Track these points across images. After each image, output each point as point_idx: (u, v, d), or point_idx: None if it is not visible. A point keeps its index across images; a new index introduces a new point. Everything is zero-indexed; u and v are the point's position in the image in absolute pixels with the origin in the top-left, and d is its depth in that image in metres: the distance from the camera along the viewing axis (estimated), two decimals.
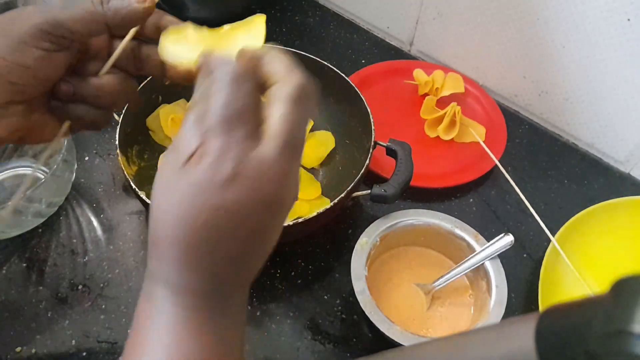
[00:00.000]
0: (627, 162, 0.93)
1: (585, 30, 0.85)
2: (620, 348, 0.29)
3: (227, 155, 0.38)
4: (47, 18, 0.46)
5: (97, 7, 0.47)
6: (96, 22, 0.47)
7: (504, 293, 0.70)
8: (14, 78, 0.46)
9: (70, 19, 0.46)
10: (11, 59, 0.45)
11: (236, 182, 0.38)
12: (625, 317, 0.29)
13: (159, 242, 0.40)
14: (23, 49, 0.45)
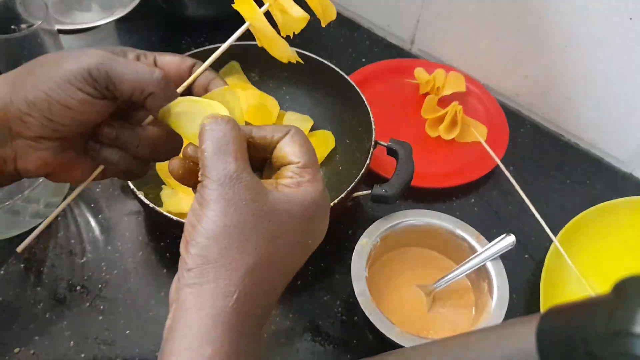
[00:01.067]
0: (629, 162, 0.93)
1: (588, 29, 0.85)
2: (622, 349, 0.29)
3: (318, 179, 0.45)
4: (99, 66, 0.45)
5: (156, 78, 0.46)
6: (141, 89, 0.46)
7: (506, 294, 0.69)
8: (53, 116, 0.46)
9: (120, 74, 0.46)
10: (53, 96, 0.45)
11: (323, 203, 0.45)
12: (627, 318, 0.29)
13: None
14: (67, 89, 0.45)
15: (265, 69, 0.92)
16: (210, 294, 0.39)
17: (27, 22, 0.87)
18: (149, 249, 0.79)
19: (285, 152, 0.45)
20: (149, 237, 0.80)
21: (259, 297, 0.41)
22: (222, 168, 0.41)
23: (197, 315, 0.39)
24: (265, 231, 0.41)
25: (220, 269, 0.40)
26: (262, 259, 0.41)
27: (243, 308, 0.40)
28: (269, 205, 0.41)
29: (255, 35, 0.53)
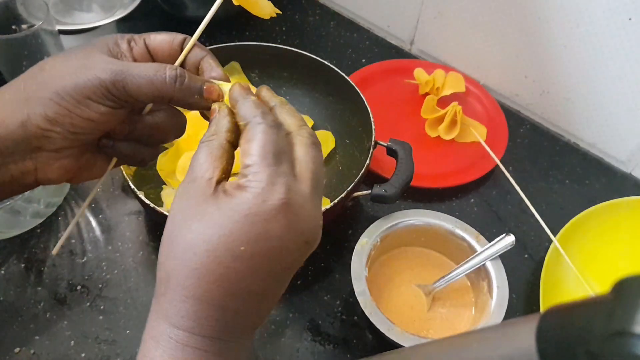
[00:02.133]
0: (628, 162, 0.93)
1: (587, 29, 0.85)
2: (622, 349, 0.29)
3: (277, 183, 0.39)
4: (116, 82, 0.45)
5: (170, 84, 0.46)
6: (161, 97, 0.47)
7: (505, 294, 0.70)
8: (76, 128, 0.46)
9: (138, 89, 0.46)
10: (76, 112, 0.45)
11: (283, 213, 0.39)
12: (626, 318, 0.29)
13: (180, 272, 0.39)
14: (88, 104, 0.45)
15: (265, 69, 0.92)
16: (166, 303, 0.41)
17: (27, 22, 0.87)
18: (149, 249, 0.79)
19: (241, 149, 0.43)
20: (150, 236, 0.80)
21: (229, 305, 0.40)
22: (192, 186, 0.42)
23: (158, 325, 0.41)
24: (218, 244, 0.39)
25: (174, 283, 0.41)
26: (222, 271, 0.39)
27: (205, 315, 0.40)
28: (206, 217, 0.40)
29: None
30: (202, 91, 0.47)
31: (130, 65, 0.46)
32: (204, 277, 0.39)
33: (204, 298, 0.39)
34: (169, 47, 0.50)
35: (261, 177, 0.39)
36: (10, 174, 0.47)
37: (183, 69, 0.47)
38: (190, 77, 0.47)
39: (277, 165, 0.40)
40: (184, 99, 0.47)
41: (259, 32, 1.10)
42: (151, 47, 0.50)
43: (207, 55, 0.51)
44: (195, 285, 0.39)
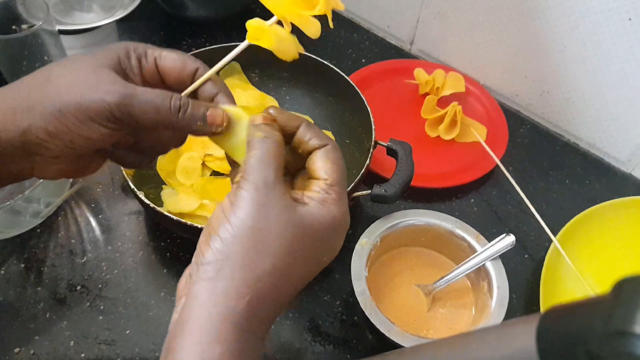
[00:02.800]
0: (628, 162, 0.93)
1: (587, 29, 0.85)
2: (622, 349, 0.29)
3: (345, 202, 0.46)
4: (121, 107, 0.45)
5: (174, 113, 0.47)
6: (160, 121, 0.47)
7: (505, 294, 0.70)
8: (74, 145, 0.47)
9: (143, 115, 0.46)
10: (76, 130, 0.46)
11: (344, 227, 0.47)
12: (626, 318, 0.29)
13: (272, 276, 0.41)
14: (90, 126, 0.46)
15: (265, 69, 0.92)
16: (223, 291, 0.40)
17: (28, 22, 0.87)
18: (149, 249, 0.79)
19: (317, 166, 0.46)
20: (150, 237, 0.80)
21: (269, 303, 0.42)
22: (262, 175, 0.42)
23: (208, 311, 0.40)
24: (288, 241, 0.42)
25: (237, 268, 0.40)
26: (279, 266, 0.41)
27: (253, 311, 0.40)
28: (296, 217, 0.42)
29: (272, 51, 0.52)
30: (206, 117, 0.48)
31: (137, 90, 0.46)
32: (292, 281, 0.43)
33: (284, 299, 0.43)
34: (178, 73, 0.50)
35: (343, 196, 0.46)
36: (8, 171, 0.48)
37: (187, 99, 0.48)
38: (194, 105, 0.48)
39: (343, 187, 0.47)
40: (188, 127, 0.48)
41: None
42: (161, 69, 0.50)
43: (220, 92, 0.51)
44: (283, 288, 0.42)
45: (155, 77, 0.50)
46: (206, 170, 0.85)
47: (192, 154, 0.83)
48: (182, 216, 0.72)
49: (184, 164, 0.82)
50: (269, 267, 0.41)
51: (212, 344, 0.39)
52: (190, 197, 0.79)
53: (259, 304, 0.41)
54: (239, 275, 0.40)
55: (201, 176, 0.83)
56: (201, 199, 0.79)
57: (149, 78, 0.50)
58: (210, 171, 0.85)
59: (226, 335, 0.39)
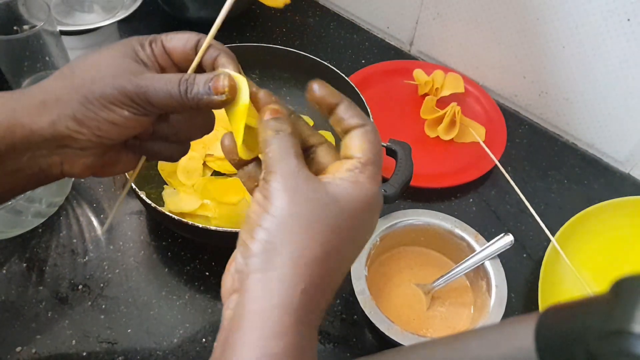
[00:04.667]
0: (627, 162, 0.93)
1: (585, 30, 0.85)
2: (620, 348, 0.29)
3: (377, 179, 0.45)
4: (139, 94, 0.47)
5: (182, 94, 0.47)
6: (175, 105, 0.48)
7: (504, 293, 0.70)
8: (102, 132, 0.48)
9: (159, 102, 0.47)
10: (102, 115, 0.47)
11: (380, 206, 0.45)
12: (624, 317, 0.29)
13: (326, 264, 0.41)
14: (115, 110, 0.47)
15: (265, 70, 0.92)
16: (277, 281, 0.39)
17: (29, 23, 0.87)
18: (150, 249, 0.79)
19: (353, 144, 0.46)
20: (151, 236, 0.80)
21: (323, 289, 0.41)
22: (285, 164, 0.42)
23: (266, 304, 0.39)
24: (329, 221, 0.41)
25: (287, 256, 0.39)
26: (327, 249, 0.40)
27: (309, 300, 0.39)
28: (329, 196, 0.41)
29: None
30: (210, 89, 0.47)
31: (154, 79, 0.47)
32: (340, 265, 0.43)
33: (334, 286, 0.43)
34: (182, 49, 0.51)
35: (377, 176, 0.45)
36: (39, 166, 0.49)
37: (192, 75, 0.48)
38: (197, 81, 0.48)
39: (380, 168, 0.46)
40: (199, 104, 0.48)
41: (259, 33, 1.10)
42: (167, 49, 0.51)
43: (221, 53, 0.51)
44: (334, 273, 0.42)
45: (167, 60, 0.51)
46: (207, 170, 0.85)
47: (193, 154, 0.83)
48: (183, 216, 0.73)
49: (185, 164, 0.82)
50: (318, 252, 0.40)
51: (274, 339, 0.38)
52: (191, 197, 0.79)
53: (314, 291, 0.40)
54: (290, 263, 0.39)
55: (202, 176, 0.83)
56: (202, 199, 0.79)
57: (162, 62, 0.51)
58: (211, 171, 0.85)
59: (288, 328, 0.38)
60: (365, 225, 0.44)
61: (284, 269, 0.39)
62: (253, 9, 1.11)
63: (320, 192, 0.41)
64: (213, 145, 0.84)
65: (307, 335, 0.39)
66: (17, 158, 0.48)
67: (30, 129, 0.47)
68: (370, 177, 0.44)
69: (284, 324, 0.38)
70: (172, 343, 0.71)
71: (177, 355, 0.70)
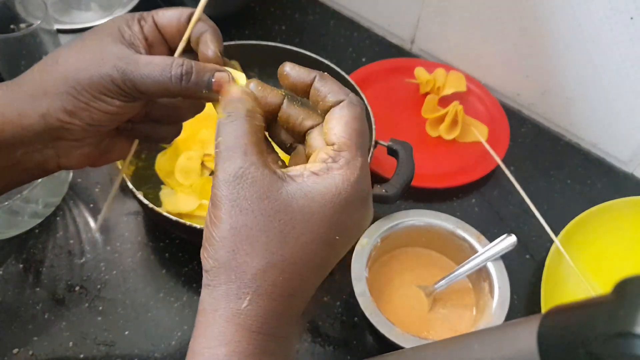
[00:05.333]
0: (630, 162, 0.93)
1: (589, 29, 0.84)
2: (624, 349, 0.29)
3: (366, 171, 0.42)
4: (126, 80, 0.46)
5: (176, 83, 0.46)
6: (170, 94, 0.47)
7: (507, 294, 0.69)
8: (94, 121, 0.48)
9: (147, 89, 0.47)
10: (93, 105, 0.47)
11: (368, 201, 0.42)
12: (628, 319, 0.29)
13: (272, 269, 0.39)
14: (104, 99, 0.47)
15: (264, 68, 0.92)
16: (222, 296, 0.39)
17: (26, 21, 0.87)
18: (148, 249, 0.78)
19: (329, 128, 0.42)
20: (148, 237, 0.80)
21: (278, 297, 0.40)
22: (229, 166, 0.39)
23: (212, 316, 0.39)
24: (277, 230, 0.39)
25: (230, 272, 0.39)
26: (276, 259, 0.39)
27: (259, 309, 0.39)
28: (280, 202, 0.39)
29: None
30: (211, 84, 0.46)
31: (139, 63, 0.46)
32: (300, 271, 0.40)
33: (297, 293, 0.41)
34: (177, 23, 0.50)
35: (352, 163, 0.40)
36: (34, 161, 0.49)
37: (190, 64, 0.47)
38: (198, 71, 0.46)
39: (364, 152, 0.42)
40: (194, 95, 0.47)
41: (258, 31, 1.10)
42: (160, 25, 0.50)
43: (208, 30, 0.50)
44: (289, 281, 0.40)
45: (156, 34, 0.50)
46: (205, 170, 0.84)
47: (190, 153, 0.83)
48: (181, 216, 0.72)
49: (182, 164, 0.82)
50: (262, 264, 0.39)
51: (218, 347, 0.38)
52: (189, 197, 0.79)
53: (266, 302, 0.39)
54: (232, 278, 0.39)
55: (200, 176, 0.83)
56: (200, 199, 0.78)
57: (151, 39, 0.50)
58: (209, 171, 0.84)
59: (232, 336, 0.38)
60: (337, 224, 0.40)
61: (227, 284, 0.39)
62: (252, 7, 1.11)
63: (268, 199, 0.39)
64: (211, 145, 0.84)
65: (264, 345, 0.39)
66: (10, 154, 0.48)
67: (21, 125, 0.46)
68: (342, 166, 0.40)
69: (228, 332, 0.39)
70: (169, 345, 0.70)
71: (174, 357, 0.69)
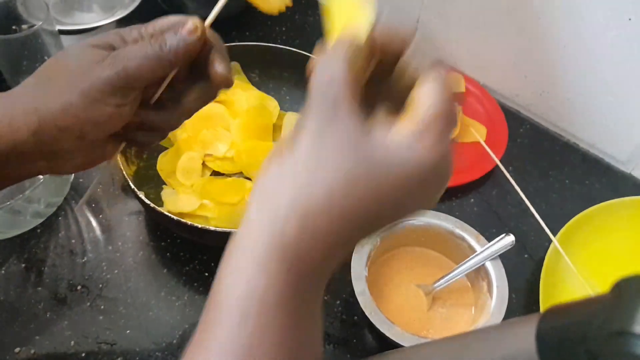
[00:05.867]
0: (628, 162, 0.93)
1: (587, 29, 0.85)
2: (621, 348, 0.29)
3: (448, 150, 0.38)
4: (118, 71, 0.47)
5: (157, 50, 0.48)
6: (161, 66, 0.49)
7: (505, 294, 0.70)
8: (85, 134, 0.48)
9: (139, 69, 0.47)
10: (84, 116, 0.47)
11: (436, 172, 0.38)
12: (626, 318, 0.29)
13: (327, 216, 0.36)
14: (95, 107, 0.47)
15: (265, 69, 0.92)
16: (266, 225, 0.36)
17: (28, 22, 0.86)
18: (149, 249, 0.79)
19: (419, 95, 0.38)
20: (150, 236, 0.80)
21: (323, 240, 0.36)
22: (317, 106, 0.37)
23: (248, 251, 0.37)
24: (345, 177, 0.36)
25: (287, 197, 0.36)
26: (335, 200, 0.36)
27: (303, 246, 0.36)
28: (360, 154, 0.36)
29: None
30: (183, 34, 0.50)
31: (124, 50, 0.48)
32: (351, 225, 0.37)
33: (339, 246, 0.38)
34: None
35: (442, 137, 0.37)
36: (27, 170, 0.50)
37: (158, 34, 0.50)
38: (166, 35, 0.49)
39: (450, 131, 0.38)
40: (181, 52, 0.49)
41: (259, 32, 1.10)
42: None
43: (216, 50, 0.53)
44: (339, 230, 0.36)
45: None
46: (206, 170, 0.84)
47: (192, 154, 0.83)
48: (182, 216, 0.72)
49: (184, 164, 0.82)
50: (320, 198, 0.36)
51: (258, 276, 0.36)
52: (190, 197, 0.79)
53: (312, 242, 0.36)
54: (277, 203, 0.36)
55: (201, 176, 0.83)
56: (201, 199, 0.79)
57: None
58: (210, 171, 0.85)
59: (275, 267, 0.36)
60: (411, 194, 0.38)
61: (279, 211, 0.36)
62: (252, 9, 1.11)
63: (355, 147, 0.36)
64: (212, 145, 0.84)
65: (300, 285, 0.37)
66: (2, 168, 0.48)
67: (13, 142, 0.47)
68: (429, 145, 0.37)
69: (270, 262, 0.36)
70: (171, 344, 0.70)
71: (176, 356, 0.69)
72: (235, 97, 0.88)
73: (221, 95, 0.88)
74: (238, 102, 0.87)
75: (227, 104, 0.88)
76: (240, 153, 0.83)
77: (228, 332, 0.36)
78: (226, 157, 0.84)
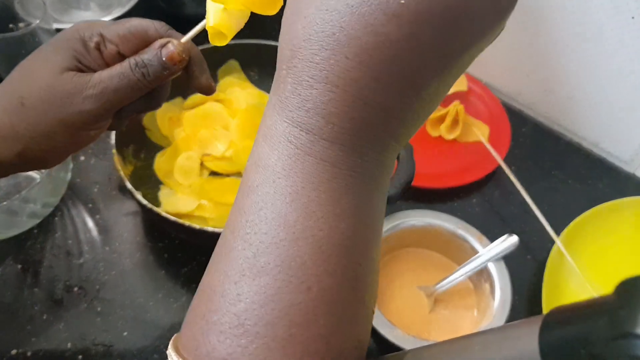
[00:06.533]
0: (632, 162, 0.92)
1: (590, 28, 0.84)
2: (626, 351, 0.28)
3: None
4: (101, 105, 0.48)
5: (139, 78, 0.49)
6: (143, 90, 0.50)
7: (508, 295, 0.69)
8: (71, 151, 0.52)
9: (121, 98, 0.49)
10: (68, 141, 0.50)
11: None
12: (630, 320, 0.29)
13: (310, 40, 0.28)
14: (78, 135, 0.49)
15: (264, 67, 0.92)
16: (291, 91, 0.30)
17: (25, 21, 0.86)
18: (146, 250, 0.78)
19: None
20: (147, 237, 0.80)
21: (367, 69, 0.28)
22: None
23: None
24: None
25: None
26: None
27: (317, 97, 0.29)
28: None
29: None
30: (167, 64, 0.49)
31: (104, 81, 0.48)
32: (343, 48, 0.28)
33: (339, 81, 0.28)
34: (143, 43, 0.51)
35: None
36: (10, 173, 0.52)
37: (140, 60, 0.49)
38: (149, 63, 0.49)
39: None
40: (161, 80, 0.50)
41: (257, 30, 1.09)
42: (123, 51, 0.51)
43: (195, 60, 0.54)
44: (329, 60, 0.28)
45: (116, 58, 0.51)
46: (204, 170, 0.84)
47: (190, 153, 0.82)
48: (180, 217, 0.72)
49: (182, 164, 0.82)
50: (326, 51, 0.28)
51: (268, 149, 0.31)
52: (188, 198, 0.78)
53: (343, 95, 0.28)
54: (299, 75, 0.29)
55: (199, 176, 0.82)
56: (199, 200, 0.78)
57: (110, 61, 0.51)
58: (208, 171, 0.84)
59: (287, 137, 0.30)
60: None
61: (295, 77, 0.30)
62: None
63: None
64: (211, 144, 0.84)
65: (333, 161, 0.30)
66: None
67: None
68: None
69: (291, 145, 0.30)
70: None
71: None
72: (233, 96, 0.87)
73: (220, 94, 0.88)
74: (237, 101, 0.87)
75: (226, 103, 0.87)
76: (239, 152, 0.83)
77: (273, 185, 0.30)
78: (225, 157, 0.83)
